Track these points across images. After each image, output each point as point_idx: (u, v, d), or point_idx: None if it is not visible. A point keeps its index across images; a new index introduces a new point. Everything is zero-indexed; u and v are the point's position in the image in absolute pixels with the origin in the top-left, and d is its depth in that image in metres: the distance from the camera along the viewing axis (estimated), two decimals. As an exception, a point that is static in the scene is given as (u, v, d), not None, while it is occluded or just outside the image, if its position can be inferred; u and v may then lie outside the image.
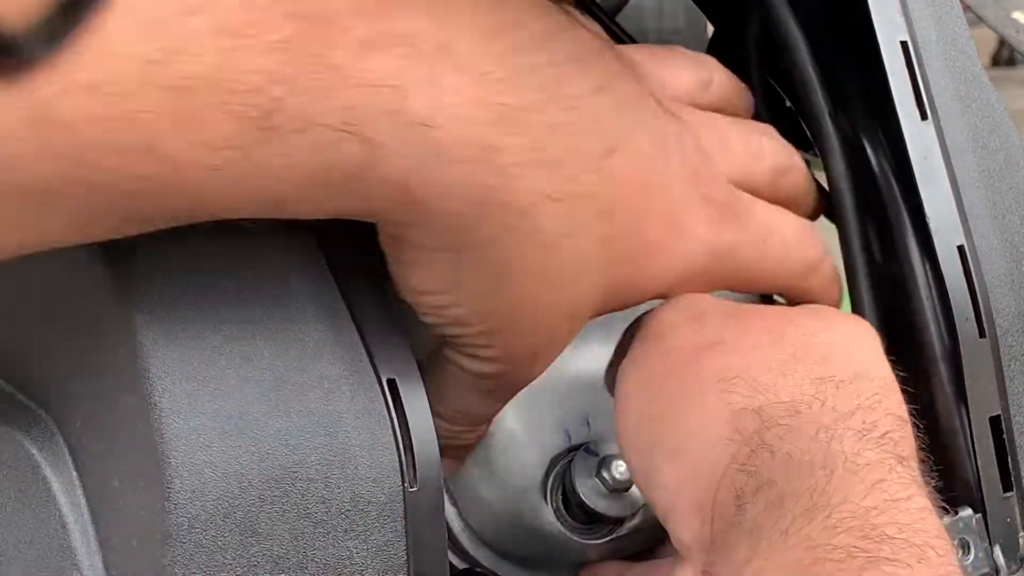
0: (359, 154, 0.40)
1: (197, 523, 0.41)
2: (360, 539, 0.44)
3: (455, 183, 0.42)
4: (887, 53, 0.54)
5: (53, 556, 0.46)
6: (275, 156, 0.39)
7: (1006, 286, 0.54)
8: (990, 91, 0.57)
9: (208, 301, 0.43)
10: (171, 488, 0.41)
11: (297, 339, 0.44)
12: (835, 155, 0.55)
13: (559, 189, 0.44)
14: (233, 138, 0.38)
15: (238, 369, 0.43)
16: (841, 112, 0.56)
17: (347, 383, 0.44)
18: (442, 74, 0.41)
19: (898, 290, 0.54)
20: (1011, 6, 0.75)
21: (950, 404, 0.53)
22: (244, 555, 0.42)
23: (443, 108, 0.41)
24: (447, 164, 0.41)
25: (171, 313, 0.43)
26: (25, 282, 0.48)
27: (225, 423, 0.42)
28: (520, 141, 0.43)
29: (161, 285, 0.43)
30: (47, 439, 0.47)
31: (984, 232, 0.54)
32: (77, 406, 0.46)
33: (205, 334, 0.43)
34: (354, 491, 0.43)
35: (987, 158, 0.55)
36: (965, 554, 0.52)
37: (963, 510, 0.53)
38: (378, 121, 0.40)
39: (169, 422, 0.42)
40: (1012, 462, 0.54)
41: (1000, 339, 0.53)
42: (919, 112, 0.54)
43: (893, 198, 0.55)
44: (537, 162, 0.43)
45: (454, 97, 0.41)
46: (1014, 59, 4.65)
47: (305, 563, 0.43)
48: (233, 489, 0.42)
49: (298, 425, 0.43)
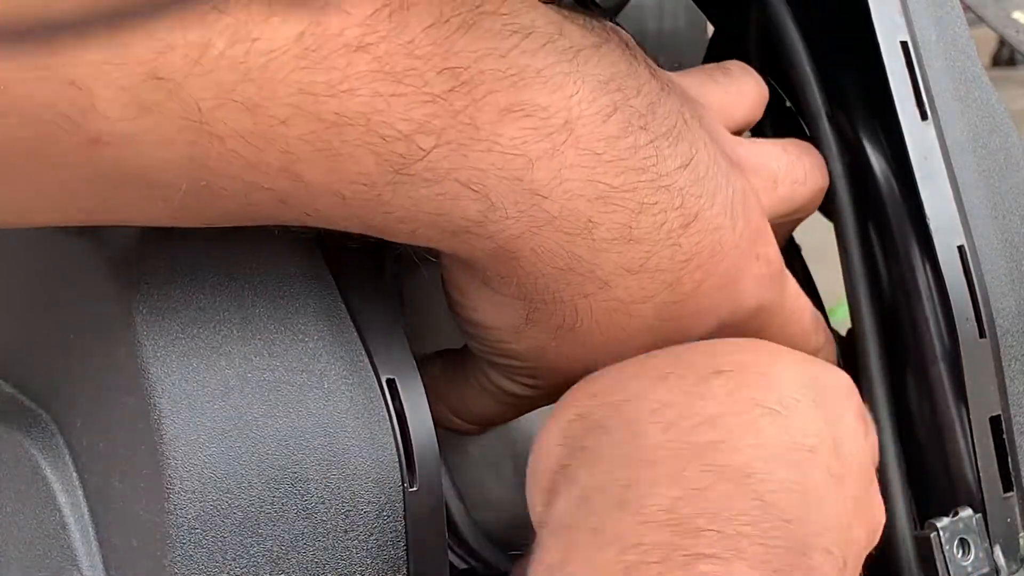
0: (477, 212, 0.42)
1: (197, 523, 0.41)
2: (360, 539, 0.44)
3: (552, 250, 0.44)
4: (887, 53, 0.54)
5: (53, 556, 0.46)
6: (403, 199, 0.40)
7: (1006, 286, 0.54)
8: (990, 91, 0.56)
9: (208, 301, 0.43)
10: (171, 488, 0.41)
11: (297, 339, 0.44)
12: (832, 156, 0.56)
13: (637, 263, 0.45)
14: (369, 176, 0.39)
15: (238, 369, 0.43)
16: (841, 112, 0.56)
17: (347, 383, 0.44)
18: (564, 149, 0.42)
19: (898, 290, 0.54)
20: (1011, 6, 0.75)
21: (950, 404, 0.53)
22: (244, 555, 0.42)
23: (560, 182, 0.43)
24: (551, 232, 0.43)
25: (171, 313, 0.43)
26: (26, 282, 0.48)
27: (225, 423, 0.42)
28: (614, 219, 0.44)
29: (161, 285, 0.43)
30: (47, 439, 0.47)
31: (984, 232, 0.54)
32: (77, 406, 0.46)
33: (205, 334, 0.43)
34: (354, 491, 0.43)
35: (987, 158, 0.55)
36: (965, 554, 0.52)
37: (963, 510, 0.53)
38: (502, 184, 0.41)
39: (169, 422, 0.42)
40: (1012, 462, 0.54)
41: (1000, 339, 0.53)
42: (919, 112, 0.54)
43: (893, 198, 0.55)
44: (624, 239, 0.45)
45: (569, 173, 0.43)
46: (1014, 59, 4.65)
47: (304, 563, 0.43)
48: (233, 489, 0.42)
49: (298, 425, 0.43)
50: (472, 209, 0.42)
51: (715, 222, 0.47)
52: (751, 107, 0.54)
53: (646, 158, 0.45)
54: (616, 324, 0.46)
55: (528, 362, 0.48)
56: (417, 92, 0.39)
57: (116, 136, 0.36)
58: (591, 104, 0.43)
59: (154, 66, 0.35)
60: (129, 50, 0.34)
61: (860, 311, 0.55)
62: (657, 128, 0.45)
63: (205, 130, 0.36)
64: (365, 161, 0.39)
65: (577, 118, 0.43)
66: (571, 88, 0.43)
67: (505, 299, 0.46)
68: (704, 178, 0.47)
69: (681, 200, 0.46)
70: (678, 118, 0.47)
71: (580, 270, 0.44)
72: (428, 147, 0.39)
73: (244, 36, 0.36)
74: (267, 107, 0.37)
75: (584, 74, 0.43)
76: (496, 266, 0.44)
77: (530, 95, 0.41)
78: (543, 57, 0.42)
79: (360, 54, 0.37)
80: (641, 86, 0.45)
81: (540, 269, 0.44)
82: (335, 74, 0.37)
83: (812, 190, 0.55)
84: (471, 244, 0.43)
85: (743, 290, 0.50)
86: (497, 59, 0.41)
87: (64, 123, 0.35)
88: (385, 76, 0.38)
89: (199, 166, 0.37)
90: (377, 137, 0.39)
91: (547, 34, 0.43)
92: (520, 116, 0.41)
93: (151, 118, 0.36)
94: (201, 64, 0.35)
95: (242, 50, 0.36)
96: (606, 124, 0.44)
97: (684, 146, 0.46)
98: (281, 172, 0.38)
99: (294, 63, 0.37)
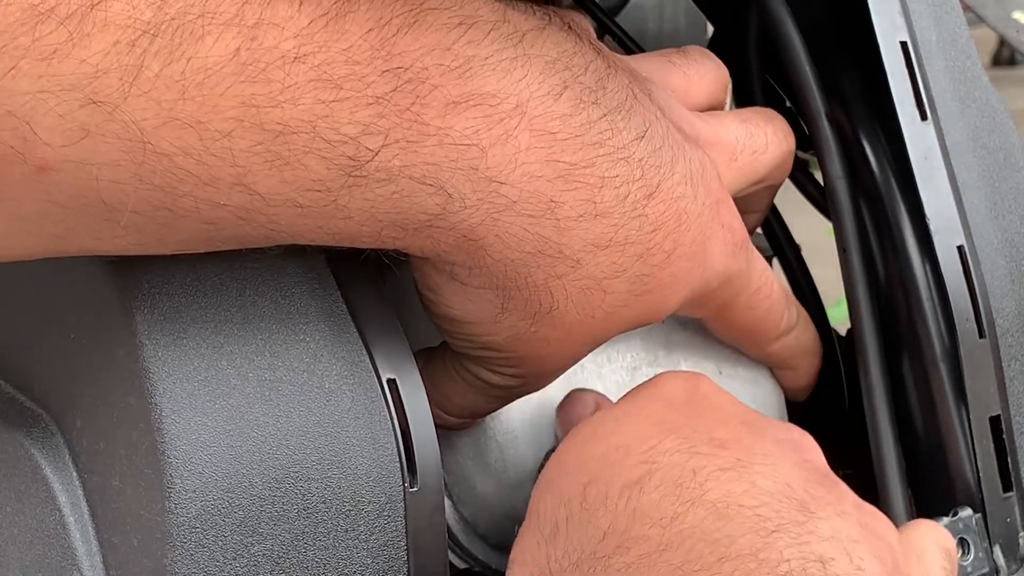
0: (436, 205, 0.42)
1: (197, 523, 0.41)
2: (360, 539, 0.44)
3: (517, 234, 0.44)
4: (887, 53, 0.54)
5: (53, 556, 0.46)
6: (359, 201, 0.41)
7: (1006, 286, 0.54)
8: (990, 91, 0.57)
9: (209, 301, 0.44)
10: (171, 488, 0.41)
11: (297, 339, 0.44)
12: (831, 155, 0.56)
13: (606, 237, 0.46)
14: (322, 182, 0.40)
15: (238, 369, 0.43)
16: (841, 112, 0.56)
17: (347, 383, 0.44)
18: (517, 134, 0.43)
19: (897, 290, 0.54)
20: (1011, 6, 0.75)
21: (950, 404, 0.53)
22: (244, 555, 0.42)
23: (516, 166, 0.43)
24: (513, 217, 0.44)
25: (171, 313, 0.43)
26: (26, 283, 0.48)
27: (225, 423, 0.42)
28: (576, 195, 0.45)
29: (161, 285, 0.43)
30: (47, 439, 0.47)
31: (984, 232, 0.54)
32: (77, 406, 0.46)
33: (205, 334, 0.43)
34: (354, 491, 0.43)
35: (987, 158, 0.55)
36: (965, 554, 0.52)
37: (963, 510, 0.53)
38: (457, 176, 0.42)
39: (169, 422, 0.42)
40: (1012, 462, 0.54)
41: (1000, 339, 0.53)
42: (919, 112, 0.54)
43: (893, 198, 0.55)
44: (590, 215, 0.45)
45: (525, 156, 0.43)
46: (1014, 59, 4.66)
47: (305, 563, 0.43)
48: (233, 489, 0.42)
49: (298, 425, 0.43)
50: (430, 203, 0.42)
51: (677, 191, 0.48)
52: (711, 88, 0.55)
53: (601, 132, 0.45)
54: (592, 302, 0.47)
55: (508, 351, 0.48)
56: (359, 96, 0.39)
57: (62, 162, 0.36)
58: (541, 85, 0.44)
59: (89, 91, 0.36)
60: (63, 78, 0.35)
61: (860, 311, 0.55)
62: (608, 103, 0.46)
63: (150, 149, 0.37)
64: (316, 167, 0.40)
65: (527, 100, 0.43)
66: (519, 72, 0.43)
67: (478, 291, 0.46)
68: (661, 148, 0.47)
69: (641, 171, 0.46)
70: (627, 92, 0.47)
71: (549, 251, 0.45)
72: (376, 147, 0.40)
73: (178, 56, 0.36)
74: (210, 122, 0.37)
75: (531, 56, 0.44)
76: (463, 257, 0.44)
77: (477, 84, 0.42)
78: (488, 44, 0.43)
79: (297, 64, 0.38)
80: (588, 63, 0.46)
81: (507, 255, 0.44)
82: (274, 86, 0.38)
83: (775, 157, 0.55)
84: (435, 238, 0.43)
85: (711, 258, 0.50)
86: (442, 53, 0.41)
87: (8, 154, 0.36)
88: (325, 84, 0.39)
89: (151, 186, 0.38)
90: (324, 143, 0.39)
91: (491, 21, 0.43)
92: (469, 106, 0.42)
93: (93, 141, 0.36)
94: (137, 85, 0.36)
95: (178, 69, 0.37)
96: (558, 102, 0.44)
97: (637, 119, 0.47)
98: (234, 186, 0.39)
99: (232, 79, 0.37)
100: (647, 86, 0.50)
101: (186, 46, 0.37)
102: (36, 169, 0.36)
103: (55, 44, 0.35)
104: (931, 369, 0.53)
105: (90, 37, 0.35)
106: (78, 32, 0.35)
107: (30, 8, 0.35)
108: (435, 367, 0.50)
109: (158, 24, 0.36)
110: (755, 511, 0.41)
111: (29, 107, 0.35)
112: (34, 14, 0.35)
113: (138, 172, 0.37)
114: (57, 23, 0.35)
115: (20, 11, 0.34)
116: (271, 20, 0.38)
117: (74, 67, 0.35)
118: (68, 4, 0.35)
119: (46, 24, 0.35)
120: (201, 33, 0.37)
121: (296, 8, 0.38)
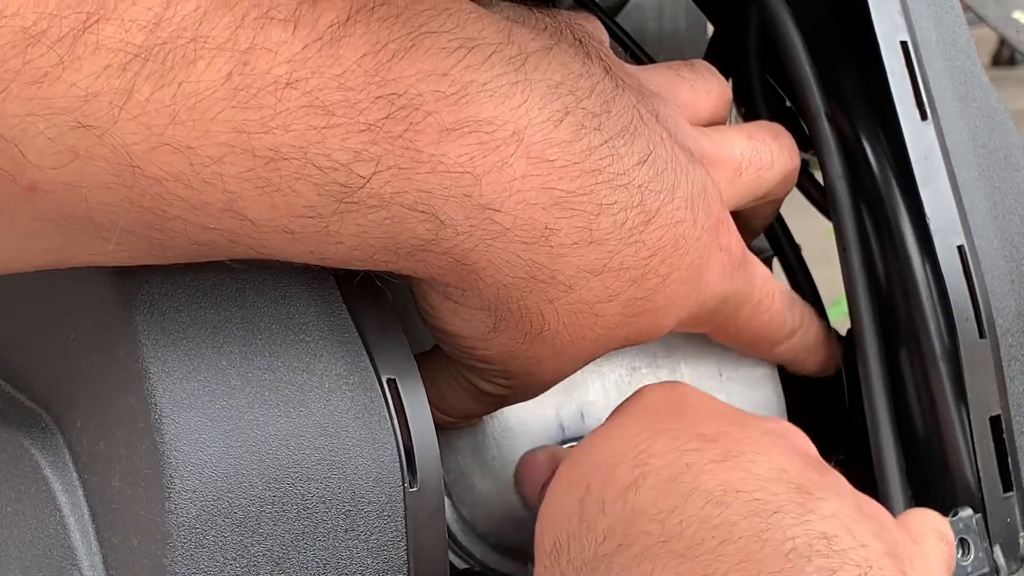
0: (428, 231, 0.42)
1: (197, 523, 0.41)
2: (360, 539, 0.44)
3: (510, 260, 0.44)
4: (887, 53, 0.54)
5: (53, 556, 0.46)
6: (350, 227, 0.41)
7: (1006, 286, 0.54)
8: (990, 91, 0.57)
9: (208, 302, 0.43)
10: (171, 488, 0.41)
11: (298, 339, 0.44)
12: (831, 155, 0.56)
13: (600, 264, 0.46)
14: (314, 208, 0.40)
15: (238, 369, 0.43)
16: (841, 112, 0.56)
17: (347, 383, 0.44)
18: (513, 161, 0.42)
19: (897, 290, 0.54)
20: (1011, 6, 0.75)
21: (950, 404, 0.53)
22: (244, 555, 0.42)
23: (511, 194, 0.43)
24: (506, 243, 0.43)
25: (171, 313, 0.43)
26: (26, 283, 0.48)
27: (225, 423, 0.42)
28: (572, 223, 0.44)
29: (161, 285, 0.43)
30: (47, 439, 0.47)
31: (984, 232, 0.54)
32: (77, 406, 0.46)
33: (205, 334, 0.43)
34: (354, 491, 0.43)
35: (987, 158, 0.55)
36: (965, 554, 0.52)
37: (963, 510, 0.53)
38: (450, 203, 0.42)
39: (169, 422, 0.42)
40: (1012, 462, 0.54)
41: (1000, 339, 0.53)
42: (919, 112, 0.54)
43: (893, 198, 0.55)
44: (585, 242, 0.45)
45: (521, 183, 0.43)
46: (1014, 59, 4.66)
47: (305, 563, 0.43)
48: (233, 489, 0.42)
49: (298, 425, 0.43)
50: (421, 229, 0.42)
51: (676, 216, 0.47)
52: (716, 104, 0.54)
53: (602, 158, 0.45)
54: (584, 324, 0.47)
55: (500, 365, 0.48)
56: (351, 122, 0.39)
57: (52, 183, 0.36)
58: (541, 111, 0.43)
59: (79, 114, 0.35)
60: (53, 101, 0.35)
61: (860, 311, 0.55)
62: (612, 127, 0.45)
63: (140, 173, 0.37)
64: (307, 194, 0.39)
65: (526, 127, 0.43)
66: (518, 98, 0.43)
67: (470, 310, 0.46)
68: (663, 172, 0.47)
69: (640, 197, 0.46)
70: (633, 114, 0.47)
71: (541, 277, 0.45)
72: (367, 174, 0.40)
73: (170, 80, 0.36)
74: (201, 147, 0.37)
75: (532, 81, 0.43)
76: (456, 280, 0.44)
77: (473, 111, 0.41)
78: (488, 69, 0.42)
79: (290, 90, 0.38)
80: (595, 85, 0.45)
81: (500, 280, 0.44)
82: (266, 111, 0.38)
83: (780, 173, 0.55)
84: (427, 262, 0.43)
85: (708, 281, 0.50)
86: (438, 79, 0.41)
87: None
88: (317, 110, 0.38)
89: (141, 208, 0.38)
90: (315, 169, 0.39)
91: (494, 44, 0.43)
92: (464, 133, 0.41)
93: (82, 164, 0.36)
94: (127, 109, 0.36)
95: (169, 94, 0.36)
96: (558, 129, 0.44)
97: (641, 143, 0.46)
98: (224, 212, 0.39)
99: (223, 103, 0.37)
100: (654, 104, 0.49)
101: (177, 70, 0.36)
102: (26, 189, 0.36)
103: (46, 67, 0.35)
104: (931, 369, 0.53)
105: (81, 60, 0.35)
106: (69, 55, 0.35)
107: (21, 31, 0.34)
108: (432, 367, 0.50)
109: (150, 48, 0.36)
110: (753, 496, 0.41)
111: (19, 130, 0.35)
112: (25, 37, 0.34)
113: (128, 195, 0.37)
114: (48, 46, 0.34)
115: (11, 33, 0.34)
116: (264, 45, 0.38)
117: (64, 90, 0.35)
118: (59, 27, 0.35)
119: (36, 47, 0.34)
120: (193, 57, 0.36)
121: (290, 33, 0.38)
